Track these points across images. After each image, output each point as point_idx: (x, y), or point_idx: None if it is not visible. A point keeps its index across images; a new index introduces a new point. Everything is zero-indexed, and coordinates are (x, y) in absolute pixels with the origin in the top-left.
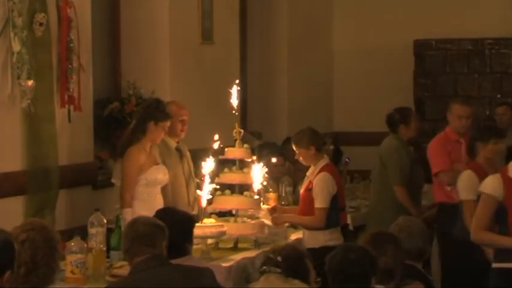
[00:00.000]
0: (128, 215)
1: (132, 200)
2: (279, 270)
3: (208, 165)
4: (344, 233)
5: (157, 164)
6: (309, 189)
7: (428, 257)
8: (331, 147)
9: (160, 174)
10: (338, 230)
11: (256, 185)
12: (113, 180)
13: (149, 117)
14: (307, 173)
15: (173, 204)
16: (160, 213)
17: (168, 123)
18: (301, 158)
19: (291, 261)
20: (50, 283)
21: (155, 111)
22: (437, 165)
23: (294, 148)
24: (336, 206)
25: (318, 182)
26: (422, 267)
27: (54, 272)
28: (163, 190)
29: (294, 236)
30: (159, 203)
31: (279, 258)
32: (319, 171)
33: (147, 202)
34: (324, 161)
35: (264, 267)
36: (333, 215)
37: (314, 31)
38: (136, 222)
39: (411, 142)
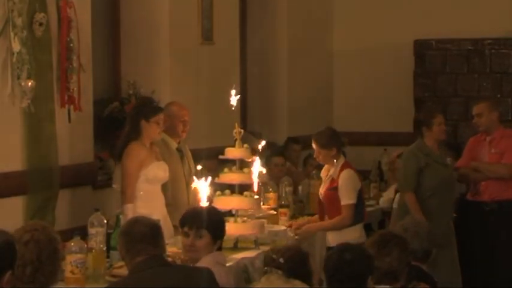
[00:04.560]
0: (129, 211)
1: (133, 198)
2: (280, 272)
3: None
4: None
5: (158, 160)
6: (333, 188)
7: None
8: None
9: (160, 171)
10: (362, 226)
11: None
12: (113, 186)
13: (139, 116)
14: (328, 173)
15: (173, 204)
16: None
17: (160, 117)
18: (320, 157)
19: (293, 264)
20: (55, 282)
21: (144, 108)
22: (458, 162)
23: (315, 147)
24: (361, 202)
25: (344, 179)
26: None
27: (58, 271)
28: (163, 189)
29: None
30: (160, 202)
31: (281, 260)
32: (342, 169)
33: (147, 201)
34: (342, 159)
35: (266, 268)
36: (359, 210)
37: (314, 31)
38: (137, 222)
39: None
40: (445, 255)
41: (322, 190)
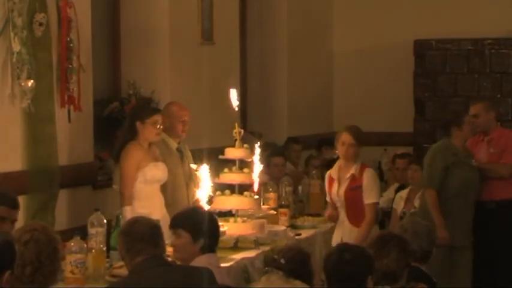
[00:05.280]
0: (128, 213)
1: (132, 199)
2: (281, 273)
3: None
4: None
5: (157, 161)
6: (356, 187)
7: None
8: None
9: (159, 171)
10: (377, 225)
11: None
12: (114, 186)
13: (134, 117)
14: (339, 173)
15: (173, 204)
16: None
17: (157, 118)
18: (350, 151)
19: (294, 265)
20: (54, 282)
21: (139, 109)
22: None
23: (350, 141)
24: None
25: (369, 178)
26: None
27: (57, 271)
28: (163, 189)
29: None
30: (160, 202)
31: (282, 261)
32: (363, 168)
33: (147, 201)
34: (360, 158)
35: (267, 268)
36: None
37: (314, 31)
38: (137, 222)
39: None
40: (463, 256)
41: (340, 190)
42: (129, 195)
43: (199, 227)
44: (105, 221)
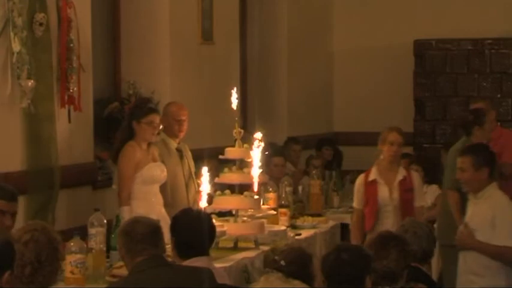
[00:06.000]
0: (126, 214)
1: (130, 199)
2: (281, 274)
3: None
4: (343, 233)
5: (155, 161)
6: (409, 190)
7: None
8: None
9: (157, 171)
10: None
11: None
12: (113, 186)
13: (131, 117)
14: (379, 176)
15: (172, 204)
16: (183, 213)
17: (152, 118)
18: (399, 152)
19: (294, 267)
20: (54, 282)
21: (135, 109)
22: None
23: (400, 141)
24: None
25: (418, 180)
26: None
27: (57, 272)
28: (162, 190)
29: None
30: (159, 202)
31: (283, 262)
32: (408, 170)
33: (145, 201)
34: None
35: (267, 269)
36: None
37: (314, 31)
38: (137, 222)
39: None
40: None
41: (394, 194)
42: (126, 196)
43: (173, 226)
44: (105, 221)
